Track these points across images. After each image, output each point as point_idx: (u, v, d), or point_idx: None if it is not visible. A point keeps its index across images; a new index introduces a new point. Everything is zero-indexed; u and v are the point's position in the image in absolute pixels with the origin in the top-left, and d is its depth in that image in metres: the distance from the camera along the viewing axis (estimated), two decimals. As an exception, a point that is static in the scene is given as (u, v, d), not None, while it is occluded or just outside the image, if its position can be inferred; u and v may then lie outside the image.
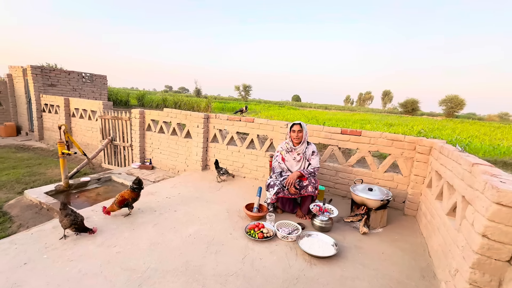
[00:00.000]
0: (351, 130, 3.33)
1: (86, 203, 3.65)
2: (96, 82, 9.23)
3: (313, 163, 2.83)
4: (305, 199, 2.79)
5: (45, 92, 7.65)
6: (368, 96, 78.24)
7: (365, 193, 2.65)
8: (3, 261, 1.83)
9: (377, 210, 2.62)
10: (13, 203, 3.46)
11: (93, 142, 6.34)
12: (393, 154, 3.12)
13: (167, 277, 1.77)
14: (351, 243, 2.35)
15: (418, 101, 45.82)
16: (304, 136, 2.79)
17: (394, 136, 3.09)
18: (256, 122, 3.92)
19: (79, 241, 2.13)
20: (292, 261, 2.03)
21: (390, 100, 70.20)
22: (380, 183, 3.23)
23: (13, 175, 4.56)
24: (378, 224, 2.66)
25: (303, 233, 2.34)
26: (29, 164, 5.34)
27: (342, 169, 3.45)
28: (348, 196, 3.44)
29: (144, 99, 17.38)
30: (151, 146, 5.01)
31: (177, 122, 4.59)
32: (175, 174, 4.64)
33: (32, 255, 1.91)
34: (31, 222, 2.98)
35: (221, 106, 23.66)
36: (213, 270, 1.87)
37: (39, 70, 7.50)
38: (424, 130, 10.68)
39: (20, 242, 2.07)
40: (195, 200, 3.13)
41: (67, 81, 8.29)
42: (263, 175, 3.96)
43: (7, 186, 4.08)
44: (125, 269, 1.82)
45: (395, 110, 55.05)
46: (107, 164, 5.72)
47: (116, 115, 5.37)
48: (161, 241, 2.19)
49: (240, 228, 2.50)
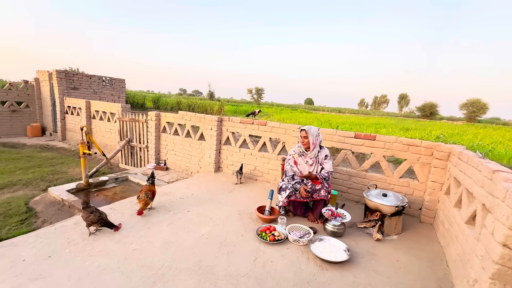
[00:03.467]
0: (365, 134, 3.29)
1: (104, 201, 3.80)
2: (115, 86, 9.62)
3: (326, 167, 2.82)
4: (317, 203, 2.78)
5: (68, 95, 8.07)
6: (383, 99, 76.30)
7: (380, 198, 2.60)
8: (30, 253, 1.95)
9: (392, 217, 2.56)
10: (38, 199, 3.67)
11: (111, 143, 6.59)
12: (409, 160, 3.04)
13: (180, 275, 1.82)
14: (364, 249, 2.31)
15: (437, 105, 44.15)
16: (314, 141, 2.77)
17: (410, 141, 3.02)
18: (268, 125, 3.95)
19: (98, 237, 2.23)
20: (303, 265, 2.03)
21: (407, 104, 68.06)
22: (395, 189, 3.16)
23: (38, 173, 4.84)
24: (392, 231, 2.60)
25: (314, 237, 2.33)
26: (53, 163, 5.64)
27: (356, 173, 3.40)
28: (362, 202, 3.38)
29: (159, 102, 17.88)
30: (166, 147, 5.15)
31: (191, 124, 4.70)
32: (189, 175, 4.75)
33: (56, 249, 2.02)
34: (54, 218, 3.14)
35: (234, 109, 23.90)
36: (225, 270, 1.90)
37: (63, 74, 7.93)
38: (443, 135, 10.28)
39: (45, 236, 2.20)
40: (207, 201, 3.19)
41: (88, 84, 8.71)
42: (275, 178, 3.97)
43: (33, 184, 4.33)
44: (141, 266, 1.88)
45: (412, 114, 53.26)
46: (124, 164, 5.93)
47: (134, 117, 5.57)
48: (175, 240, 2.26)
49: (251, 230, 2.52)
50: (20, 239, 2.15)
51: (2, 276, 1.69)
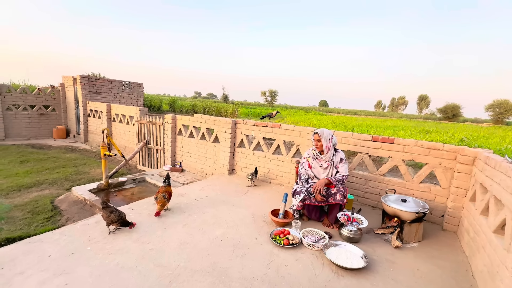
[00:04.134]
0: (382, 137, 3.19)
1: (123, 201, 3.94)
2: (134, 90, 9.99)
3: (341, 171, 2.76)
4: (332, 208, 2.72)
5: (91, 98, 8.48)
6: (401, 101, 73.77)
7: (398, 204, 2.50)
8: (55, 249, 2.06)
9: (412, 223, 2.46)
10: (62, 198, 3.87)
11: (129, 145, 6.84)
12: (430, 164, 2.91)
13: (195, 276, 1.84)
14: (382, 257, 2.23)
15: (460, 106, 42.06)
16: (327, 144, 2.73)
17: (432, 145, 2.89)
18: (282, 128, 3.94)
19: (117, 236, 2.31)
20: (318, 270, 1.99)
21: (427, 105, 65.39)
22: (415, 194, 3.03)
23: (63, 173, 5.10)
24: (412, 238, 2.49)
25: (330, 243, 2.28)
26: (76, 163, 5.93)
27: (373, 178, 3.30)
28: (379, 207, 3.27)
29: (175, 105, 18.37)
30: (181, 149, 5.27)
31: (206, 127, 4.78)
32: (203, 177, 4.82)
33: (78, 246, 2.12)
34: (76, 216, 3.30)
35: (247, 112, 24.06)
36: (239, 273, 1.90)
37: (86, 79, 8.35)
38: (467, 138, 9.75)
39: (68, 233, 2.31)
40: (222, 203, 3.21)
41: (109, 88, 9.11)
42: (289, 181, 3.93)
43: (58, 183, 4.57)
44: (157, 266, 1.93)
45: (433, 116, 51.04)
46: (141, 165, 6.12)
47: (151, 120, 5.75)
48: (190, 241, 2.29)
49: (265, 233, 2.51)
50: (47, 235, 2.27)
51: (30, 271, 1.80)
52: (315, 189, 2.64)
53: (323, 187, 2.64)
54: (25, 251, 2.02)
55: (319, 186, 2.62)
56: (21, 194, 4.01)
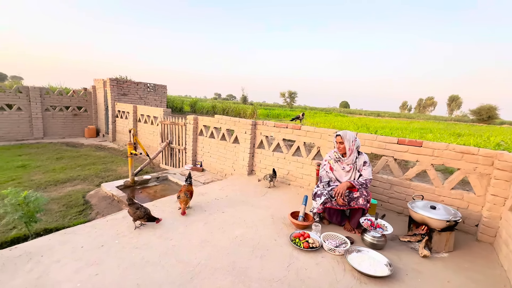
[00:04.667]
0: (409, 140, 3.04)
1: (147, 198, 4.12)
2: (158, 91, 10.41)
3: (364, 174, 2.66)
4: (355, 212, 2.64)
5: (119, 100, 8.97)
6: (430, 102, 69.73)
7: (427, 211, 2.37)
8: (87, 240, 2.20)
9: (442, 232, 2.31)
10: (92, 193, 4.13)
11: (153, 145, 7.13)
12: (463, 169, 2.72)
13: (215, 274, 1.88)
14: (408, 266, 2.12)
15: (496, 108, 38.90)
16: (350, 146, 2.65)
17: (465, 149, 2.70)
18: (303, 130, 3.89)
19: (142, 231, 2.42)
20: (340, 276, 1.94)
21: (459, 107, 61.22)
22: (446, 201, 2.85)
23: (93, 170, 5.44)
24: (442, 248, 2.34)
25: (352, 248, 2.21)
26: (105, 161, 6.29)
27: (398, 182, 3.15)
28: (405, 213, 3.11)
29: (196, 106, 18.87)
30: (202, 149, 5.40)
31: (226, 128, 4.85)
32: (223, 177, 4.89)
33: (107, 239, 2.25)
34: (105, 211, 3.50)
35: (266, 113, 24.07)
36: (258, 274, 1.91)
37: (115, 82, 8.85)
38: (505, 142, 8.97)
39: (99, 227, 2.46)
40: (241, 203, 3.24)
41: (135, 90, 9.57)
42: (309, 183, 3.87)
43: (89, 179, 4.88)
44: (179, 262, 1.99)
45: (465, 118, 47.63)
46: (164, 164, 6.36)
47: (174, 121, 5.96)
48: (210, 240, 2.34)
49: (284, 235, 2.49)
50: (79, 228, 2.44)
51: (66, 259, 1.94)
52: (336, 193, 2.56)
53: (345, 190, 2.56)
54: (61, 241, 2.18)
55: (341, 190, 2.55)
56: (57, 189, 4.34)
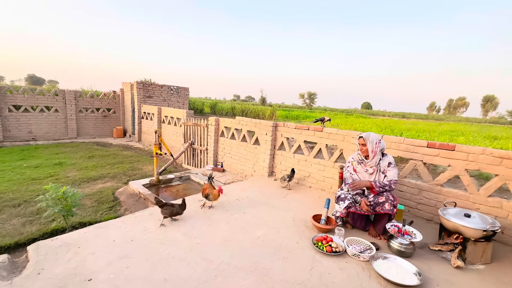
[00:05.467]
0: (440, 144, 2.88)
1: (170, 196, 4.28)
2: (181, 94, 10.77)
3: (389, 175, 2.57)
4: (380, 217, 2.55)
5: (144, 102, 9.41)
6: (461, 102, 65.24)
7: (461, 219, 2.23)
8: (118, 235, 2.34)
9: (477, 242, 2.16)
10: (121, 190, 4.36)
11: (176, 145, 7.38)
12: (502, 175, 2.53)
13: (239, 273, 1.91)
14: (439, 276, 2.01)
15: (540, 109, 35.43)
16: (373, 148, 2.58)
17: (504, 153, 2.51)
18: (325, 132, 3.83)
19: (167, 228, 2.52)
20: (365, 283, 1.88)
21: (494, 108, 56.64)
22: (482, 209, 2.66)
23: (121, 169, 5.76)
24: (478, 259, 2.19)
25: (377, 254, 2.14)
26: (131, 160, 6.63)
27: (428, 188, 2.99)
28: (435, 220, 2.95)
29: (215, 108, 19.26)
30: (223, 150, 5.50)
31: (247, 129, 4.90)
32: (243, 178, 4.94)
33: (136, 234, 2.37)
34: (133, 207, 3.69)
35: (285, 114, 23.93)
36: (281, 275, 1.91)
37: (141, 84, 9.30)
38: (550, 147, 8.14)
39: (128, 222, 2.61)
40: (262, 204, 3.26)
41: (159, 93, 9.99)
42: (331, 186, 3.80)
43: (117, 177, 5.17)
44: (204, 259, 2.05)
45: (502, 119, 44.01)
46: (186, 164, 6.56)
47: (196, 122, 6.13)
48: (232, 239, 2.38)
49: (306, 238, 2.47)
50: (111, 223, 2.59)
51: (99, 252, 2.07)
52: (354, 186, 2.58)
53: (362, 187, 2.58)
54: (96, 234, 2.33)
55: (358, 186, 2.57)
56: (89, 185, 4.64)
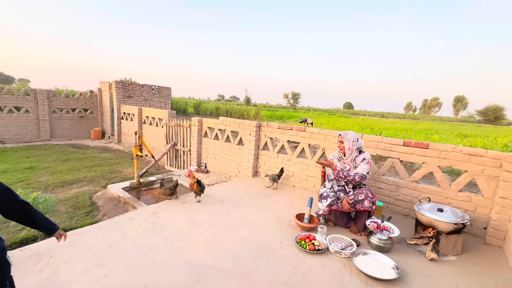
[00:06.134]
0: (416, 142, 3.02)
1: (152, 200, 4.15)
2: (163, 93, 10.49)
3: (358, 169, 2.66)
4: (360, 214, 2.63)
5: (124, 102, 9.06)
6: (435, 102, 69.02)
7: (434, 213, 2.35)
8: (95, 242, 2.23)
9: (449, 235, 2.29)
10: (99, 195, 4.17)
11: (158, 146, 7.18)
12: (470, 171, 2.70)
13: (222, 276, 1.88)
14: (416, 269, 2.10)
15: (504, 108, 38.37)
16: (350, 146, 2.69)
17: (473, 151, 2.68)
18: (307, 131, 3.89)
19: (149, 233, 2.44)
20: (347, 279, 1.93)
21: (464, 107, 60.49)
22: (453, 203, 2.82)
23: (99, 172, 5.51)
24: (450, 251, 2.32)
25: (358, 251, 2.20)
26: (110, 163, 6.36)
27: (404, 184, 3.13)
28: (411, 215, 3.09)
29: (199, 108, 18.98)
30: (206, 151, 5.42)
31: (230, 130, 4.87)
32: (227, 178, 4.90)
33: (115, 241, 2.27)
34: (112, 212, 3.53)
35: (270, 114, 24.08)
36: (264, 276, 1.91)
37: (120, 84, 8.95)
38: (513, 143, 8.83)
39: (106, 228, 2.49)
40: (246, 205, 3.25)
41: (140, 92, 9.67)
42: (314, 185, 3.87)
43: (95, 180, 4.94)
44: (186, 263, 2.00)
45: (471, 118, 47.09)
46: (169, 166, 6.40)
47: (179, 122, 6.00)
48: (216, 241, 2.35)
49: (290, 237, 2.49)
50: (87, 229, 2.47)
51: (74, 261, 1.96)
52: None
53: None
54: (70, 242, 2.20)
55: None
56: (64, 190, 4.40)
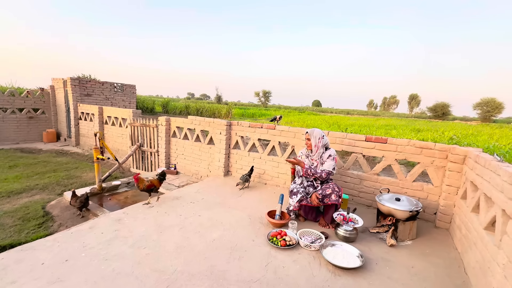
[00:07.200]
0: (376, 138, 3.24)
1: (117, 205, 3.88)
2: (126, 91, 9.85)
3: (324, 166, 2.78)
4: (328, 208, 2.75)
5: (82, 101, 8.32)
6: (393, 100, 75.01)
7: (392, 203, 2.55)
8: (48, 256, 2.01)
9: (406, 222, 2.51)
10: (54, 203, 3.78)
11: (123, 148, 6.74)
12: (422, 163, 2.98)
13: (193, 280, 1.83)
14: (378, 255, 2.26)
15: (449, 105, 43.14)
16: (316, 143, 2.79)
17: (424, 144, 2.96)
18: (277, 129, 3.95)
19: (112, 241, 2.27)
20: (316, 271, 2.01)
21: (418, 104, 66.73)
22: (409, 193, 3.09)
23: (54, 178, 4.99)
24: (406, 236, 2.54)
25: (326, 243, 2.30)
26: (67, 168, 5.80)
27: (367, 177, 3.35)
28: (374, 206, 3.32)
29: (168, 106, 18.21)
30: (176, 152, 5.23)
31: (200, 129, 4.75)
32: (198, 179, 4.79)
33: (72, 253, 2.08)
34: (69, 222, 3.23)
35: (241, 112, 24.05)
36: (237, 276, 1.90)
37: (77, 81, 8.19)
38: (457, 136, 9.99)
39: (62, 240, 2.27)
40: (218, 205, 3.20)
41: (100, 91, 8.95)
42: (285, 182, 3.95)
43: (49, 188, 4.47)
44: (154, 270, 1.91)
45: (423, 114, 52.18)
46: (135, 168, 6.04)
47: (144, 122, 5.69)
48: (186, 245, 2.28)
49: (262, 235, 2.51)
50: (39, 243, 2.22)
51: (23, 279, 1.75)
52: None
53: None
54: (17, 259, 1.96)
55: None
56: (11, 200, 3.90)
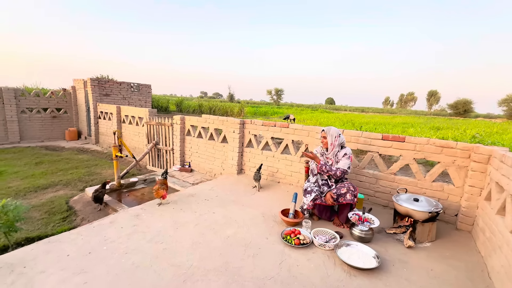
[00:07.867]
0: (393, 136, 3.15)
1: (134, 201, 4.02)
2: (142, 91, 10.13)
3: (339, 164, 2.74)
4: (343, 207, 2.71)
5: (101, 101, 8.65)
6: (410, 97, 72.38)
7: (410, 203, 2.47)
8: (73, 248, 2.13)
9: (425, 223, 2.43)
10: (76, 199, 3.98)
11: (139, 146, 6.95)
12: (442, 162, 2.86)
13: (208, 275, 1.88)
14: (395, 257, 2.21)
15: (472, 102, 41.03)
16: (332, 141, 2.76)
17: (444, 143, 2.84)
18: (291, 128, 3.93)
19: (132, 236, 2.37)
20: (330, 270, 1.99)
21: (437, 101, 63.98)
22: (428, 193, 2.99)
23: (76, 174, 5.24)
24: (425, 238, 2.46)
25: (341, 242, 2.28)
26: (88, 164, 6.07)
27: (383, 177, 3.27)
28: (390, 206, 3.24)
29: (182, 105, 18.57)
30: (190, 150, 5.33)
31: (214, 127, 4.81)
32: (212, 177, 4.86)
33: (95, 246, 2.18)
34: (91, 216, 3.39)
35: (254, 111, 24.08)
36: (251, 273, 1.93)
37: (96, 82, 8.52)
38: (480, 135, 9.50)
39: (85, 233, 2.39)
40: (231, 203, 3.24)
41: (118, 90, 9.27)
42: (298, 180, 3.93)
43: (72, 184, 4.70)
44: (171, 265, 1.97)
45: (443, 112, 49.96)
46: (151, 166, 6.22)
47: (160, 121, 5.83)
48: (202, 241, 2.33)
49: (276, 233, 2.52)
50: (64, 235, 2.35)
51: (51, 269, 1.87)
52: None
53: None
54: (45, 250, 2.09)
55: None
56: (38, 195, 4.14)
